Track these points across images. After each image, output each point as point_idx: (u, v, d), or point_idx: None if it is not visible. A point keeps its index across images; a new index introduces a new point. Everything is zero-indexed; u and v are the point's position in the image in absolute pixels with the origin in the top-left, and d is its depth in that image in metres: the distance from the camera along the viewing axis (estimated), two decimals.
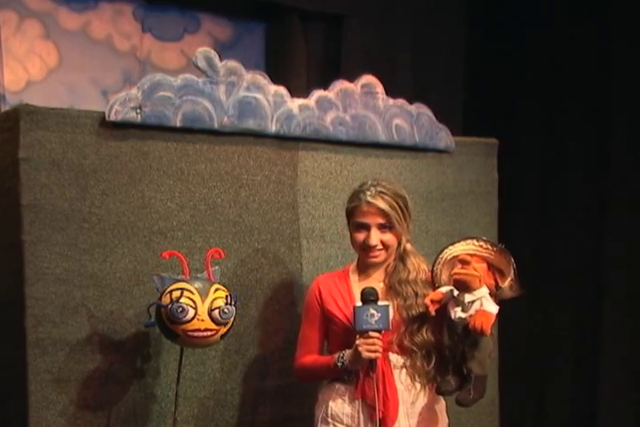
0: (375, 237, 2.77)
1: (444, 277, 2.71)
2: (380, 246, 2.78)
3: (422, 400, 2.78)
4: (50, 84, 3.91)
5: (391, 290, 2.79)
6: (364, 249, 2.80)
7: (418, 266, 2.82)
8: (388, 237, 2.78)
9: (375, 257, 2.80)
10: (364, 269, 2.87)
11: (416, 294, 2.76)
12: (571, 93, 4.54)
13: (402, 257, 2.83)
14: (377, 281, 2.83)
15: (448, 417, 2.89)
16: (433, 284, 2.73)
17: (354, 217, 2.81)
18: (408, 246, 2.84)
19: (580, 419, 4.48)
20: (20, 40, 3.85)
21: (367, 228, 2.77)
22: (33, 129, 2.77)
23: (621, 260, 4.36)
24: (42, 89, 3.88)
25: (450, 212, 3.66)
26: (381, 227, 2.77)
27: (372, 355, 2.64)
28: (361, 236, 2.79)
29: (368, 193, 2.77)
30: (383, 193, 2.77)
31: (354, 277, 2.87)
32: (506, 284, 2.65)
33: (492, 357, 3.69)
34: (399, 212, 2.77)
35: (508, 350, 3.82)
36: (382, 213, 2.75)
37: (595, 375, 4.39)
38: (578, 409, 4.49)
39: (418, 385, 2.76)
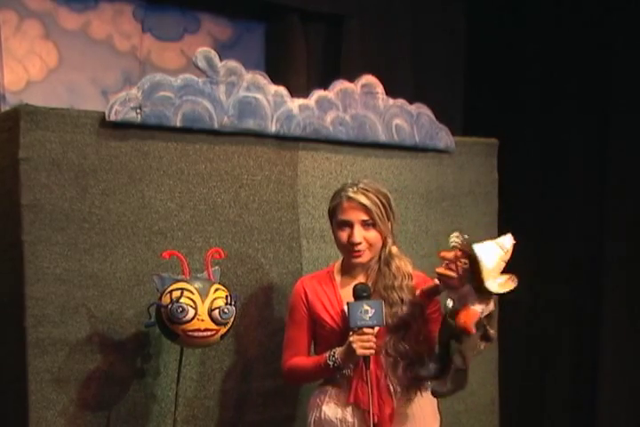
0: (359, 234, 2.71)
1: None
2: (365, 244, 2.72)
3: (413, 404, 2.75)
4: (50, 84, 3.92)
5: (376, 295, 2.72)
6: (348, 248, 2.74)
7: (403, 271, 2.76)
8: (372, 235, 2.73)
9: (359, 256, 2.74)
10: (348, 269, 2.82)
11: (402, 301, 2.72)
12: (571, 93, 4.54)
13: (387, 261, 2.78)
14: None
15: (447, 417, 2.88)
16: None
17: (336, 215, 2.76)
18: (394, 249, 2.79)
19: (579, 419, 4.48)
20: (20, 40, 3.86)
21: (350, 225, 2.72)
22: (33, 129, 2.77)
23: (621, 260, 4.36)
24: (42, 89, 3.88)
25: (450, 212, 3.66)
26: (364, 224, 2.72)
27: (367, 351, 2.60)
28: (344, 234, 2.74)
29: (349, 190, 2.74)
30: (365, 190, 2.73)
31: (338, 279, 2.82)
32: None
33: (492, 357, 3.72)
34: (381, 208, 2.72)
35: (508, 350, 3.82)
36: (364, 208, 2.71)
37: (595, 376, 4.39)
38: (578, 409, 4.49)
39: (406, 390, 2.73)
